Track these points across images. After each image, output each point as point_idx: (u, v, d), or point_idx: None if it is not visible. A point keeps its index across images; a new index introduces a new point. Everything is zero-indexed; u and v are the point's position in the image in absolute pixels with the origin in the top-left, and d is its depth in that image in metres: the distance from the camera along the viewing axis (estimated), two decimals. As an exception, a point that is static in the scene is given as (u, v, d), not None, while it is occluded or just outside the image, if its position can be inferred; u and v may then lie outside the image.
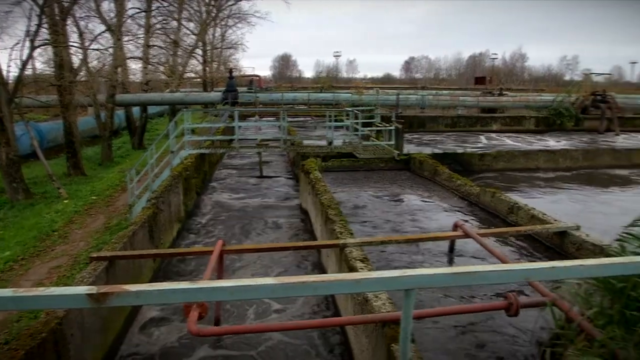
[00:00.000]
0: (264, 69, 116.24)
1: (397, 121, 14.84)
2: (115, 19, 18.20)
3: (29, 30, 12.12)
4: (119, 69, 19.89)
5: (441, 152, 16.18)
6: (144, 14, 21.61)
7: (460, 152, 16.47)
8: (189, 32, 28.69)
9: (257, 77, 45.82)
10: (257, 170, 16.69)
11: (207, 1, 29.33)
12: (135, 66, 24.21)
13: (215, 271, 5.61)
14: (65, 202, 10.98)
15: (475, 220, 9.36)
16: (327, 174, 12.51)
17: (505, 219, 9.13)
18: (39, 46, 12.99)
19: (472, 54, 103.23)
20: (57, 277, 6.61)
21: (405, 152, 14.73)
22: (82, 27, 17.04)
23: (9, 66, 12.19)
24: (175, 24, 25.45)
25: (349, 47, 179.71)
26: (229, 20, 34.44)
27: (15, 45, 12.00)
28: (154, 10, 22.36)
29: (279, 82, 63.95)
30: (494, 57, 71.89)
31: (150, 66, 23.27)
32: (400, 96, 25.19)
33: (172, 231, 10.12)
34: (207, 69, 33.25)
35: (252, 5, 52.31)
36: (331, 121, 15.04)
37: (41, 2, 12.21)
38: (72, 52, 15.29)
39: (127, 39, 20.56)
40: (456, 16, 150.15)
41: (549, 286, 4.57)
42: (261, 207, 12.45)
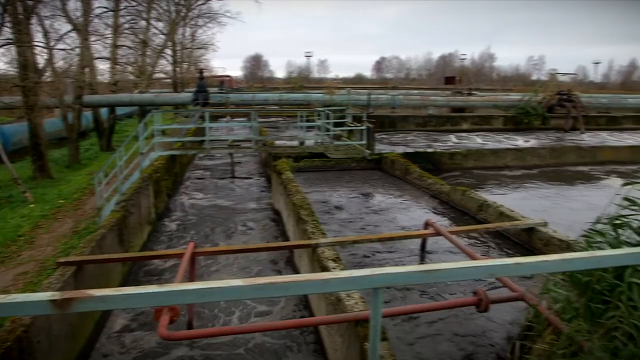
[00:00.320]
0: (235, 70, 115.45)
1: (369, 121, 14.94)
2: (81, 18, 17.85)
3: (-10, 29, 11.80)
4: (87, 70, 19.51)
5: (412, 151, 16.31)
6: (111, 13, 21.25)
7: (431, 151, 16.65)
8: (158, 31, 28.40)
9: (229, 78, 45.55)
10: (229, 171, 16.57)
11: (177, 1, 29.02)
12: (103, 66, 23.84)
13: (187, 274, 5.55)
14: (31, 206, 10.71)
15: (446, 218, 9.50)
16: (299, 174, 12.50)
17: (475, 216, 9.29)
18: (1, 46, 12.65)
19: (442, 54, 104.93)
20: (23, 284, 6.45)
21: (376, 152, 14.83)
22: (47, 26, 16.70)
23: (-31, 67, 11.85)
24: (144, 23, 25.13)
25: (321, 47, 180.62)
26: (199, 20, 34.18)
27: (-24, 45, 11.68)
28: (122, 9, 22.04)
29: (250, 83, 63.64)
30: (463, 57, 73.22)
31: (118, 66, 22.92)
32: (371, 96, 25.34)
33: (143, 234, 9.97)
34: (177, 69, 32.89)
35: (223, 5, 52.08)
36: (303, 121, 15.04)
37: (3, 0, 11.88)
38: (36, 52, 14.97)
39: (94, 38, 20.25)
40: (427, 17, 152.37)
41: (519, 281, 4.67)
42: (233, 208, 12.36)
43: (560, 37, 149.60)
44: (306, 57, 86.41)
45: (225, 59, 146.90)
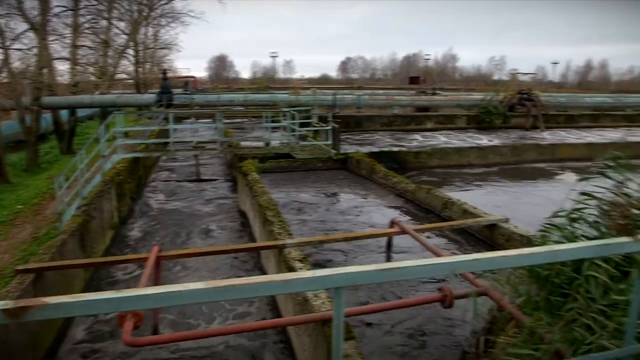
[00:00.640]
0: (199, 70, 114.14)
1: (334, 121, 15.00)
2: (39, 17, 17.33)
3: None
4: (45, 70, 18.97)
5: (378, 150, 16.43)
6: (70, 12, 20.70)
7: (396, 150, 16.81)
8: (119, 31, 27.75)
9: (193, 78, 45.00)
10: (194, 173, 16.35)
11: (139, 0, 28.46)
12: (62, 67, 23.18)
13: (151, 279, 5.45)
14: (-14, 212, 10.36)
15: (411, 216, 9.62)
16: (264, 175, 12.45)
17: (439, 214, 9.45)
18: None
19: (407, 55, 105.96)
20: (-22, 293, 6.21)
21: (342, 152, 14.90)
22: (2, 25, 16.15)
23: None
24: (105, 23, 24.55)
25: (287, 47, 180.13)
26: (162, 19, 33.55)
27: None
28: (82, 8, 21.50)
29: (215, 83, 62.81)
30: (427, 57, 74.21)
31: (78, 67, 22.35)
32: (337, 96, 25.43)
33: (105, 239, 9.74)
34: (139, 69, 32.23)
35: (186, 4, 51.09)
36: (268, 122, 14.98)
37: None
38: (-9, 52, 14.44)
39: (52, 38, 19.69)
40: (391, 18, 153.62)
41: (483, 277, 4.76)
42: (199, 210, 12.21)
43: (520, 38, 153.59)
44: (272, 57, 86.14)
45: (189, 60, 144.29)
